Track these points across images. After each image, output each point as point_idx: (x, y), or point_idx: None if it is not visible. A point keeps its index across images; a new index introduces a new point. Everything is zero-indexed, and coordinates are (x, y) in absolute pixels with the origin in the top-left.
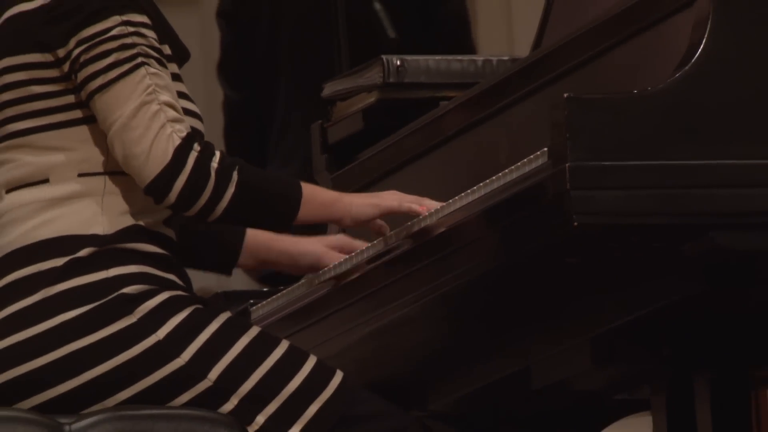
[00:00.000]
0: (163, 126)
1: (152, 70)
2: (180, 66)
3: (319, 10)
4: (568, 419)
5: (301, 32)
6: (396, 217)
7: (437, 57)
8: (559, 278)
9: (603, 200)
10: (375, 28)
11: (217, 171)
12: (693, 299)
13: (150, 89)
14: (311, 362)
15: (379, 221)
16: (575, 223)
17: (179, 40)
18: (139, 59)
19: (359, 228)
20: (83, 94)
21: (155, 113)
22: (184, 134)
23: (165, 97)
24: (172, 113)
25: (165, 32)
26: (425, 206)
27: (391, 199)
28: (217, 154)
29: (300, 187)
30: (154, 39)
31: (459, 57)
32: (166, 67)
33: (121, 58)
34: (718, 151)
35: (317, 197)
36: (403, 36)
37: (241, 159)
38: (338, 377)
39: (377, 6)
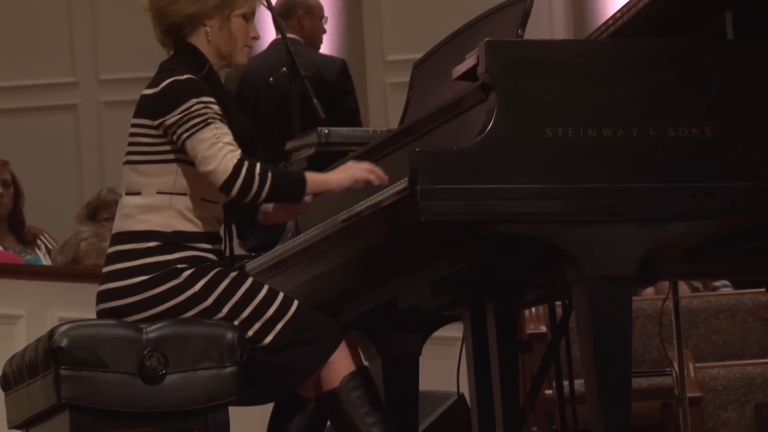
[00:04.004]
0: (225, 153)
1: (217, 124)
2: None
3: (283, 102)
4: (418, 325)
5: (272, 115)
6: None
7: (348, 128)
8: (413, 248)
9: (437, 207)
10: (313, 112)
11: (259, 175)
12: (486, 259)
13: (216, 134)
14: (279, 297)
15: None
16: (422, 219)
17: (241, 115)
18: (209, 119)
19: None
20: (179, 141)
21: (220, 147)
22: (238, 156)
23: (226, 138)
24: (230, 147)
25: (229, 112)
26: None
27: (352, 170)
28: (258, 165)
29: (305, 178)
30: (218, 109)
31: (359, 129)
32: (226, 123)
33: (199, 120)
34: (502, 180)
35: (313, 181)
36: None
37: (272, 164)
38: (294, 305)
39: (315, 101)
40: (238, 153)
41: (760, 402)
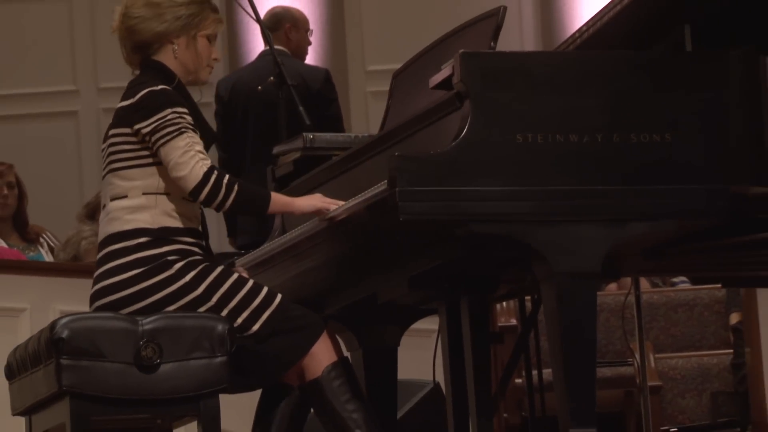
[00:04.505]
0: (197, 161)
1: (190, 134)
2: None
3: (270, 109)
4: (397, 318)
5: (261, 121)
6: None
7: (331, 134)
8: (393, 245)
9: (415, 207)
10: (299, 119)
11: (226, 185)
12: (461, 257)
13: (189, 143)
14: (264, 290)
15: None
16: (401, 218)
17: (207, 124)
18: (182, 128)
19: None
20: (154, 147)
21: (192, 155)
22: (209, 165)
23: (198, 147)
24: (201, 155)
25: (198, 121)
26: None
27: (314, 200)
28: (227, 176)
29: (269, 195)
30: (191, 120)
31: (342, 134)
32: (197, 133)
33: (173, 128)
34: (475, 182)
35: (278, 200)
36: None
37: (240, 179)
38: (278, 297)
39: (301, 108)
40: (208, 162)
41: (716, 390)
